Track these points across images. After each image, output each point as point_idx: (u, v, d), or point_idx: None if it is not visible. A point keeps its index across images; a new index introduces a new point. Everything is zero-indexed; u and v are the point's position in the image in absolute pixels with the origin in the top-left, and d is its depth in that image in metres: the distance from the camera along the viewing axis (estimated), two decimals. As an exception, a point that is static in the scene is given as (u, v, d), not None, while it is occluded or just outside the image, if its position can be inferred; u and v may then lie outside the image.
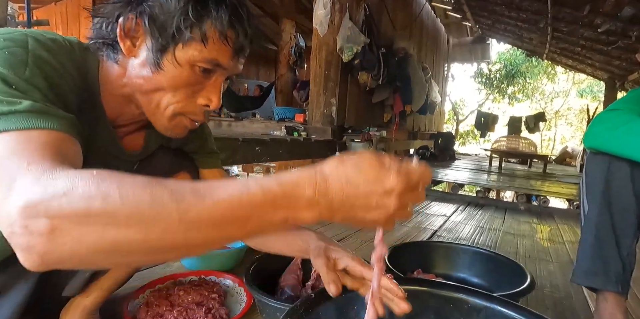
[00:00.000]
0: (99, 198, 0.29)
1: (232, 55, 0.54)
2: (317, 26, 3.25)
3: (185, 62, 0.52)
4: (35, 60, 0.44)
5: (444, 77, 6.99)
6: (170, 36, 0.50)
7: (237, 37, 0.53)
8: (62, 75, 0.47)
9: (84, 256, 0.30)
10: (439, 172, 3.77)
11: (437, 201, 2.66)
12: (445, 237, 1.75)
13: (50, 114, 0.41)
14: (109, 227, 0.29)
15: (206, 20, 0.51)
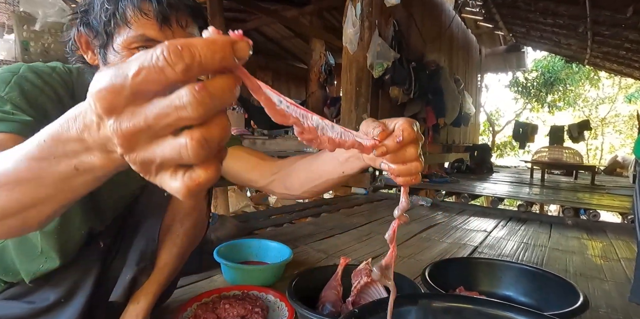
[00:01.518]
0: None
1: (158, 26, 0.57)
2: (347, 44, 3.34)
3: (121, 48, 0.57)
4: (17, 80, 0.57)
5: (477, 88, 6.84)
6: (103, 32, 0.58)
7: (154, 7, 0.56)
8: (42, 90, 0.59)
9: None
10: (477, 186, 3.65)
11: (475, 216, 2.57)
12: (487, 253, 1.69)
13: (5, 120, 0.51)
14: None
15: (120, 2, 0.56)
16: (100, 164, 0.27)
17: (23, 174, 0.30)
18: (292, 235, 1.73)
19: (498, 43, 7.34)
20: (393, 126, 0.44)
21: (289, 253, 1.15)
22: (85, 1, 0.61)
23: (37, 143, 0.28)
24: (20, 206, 0.31)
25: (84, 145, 0.26)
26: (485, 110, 11.07)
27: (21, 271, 0.64)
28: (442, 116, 4.03)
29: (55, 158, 0.28)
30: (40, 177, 0.29)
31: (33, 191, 0.30)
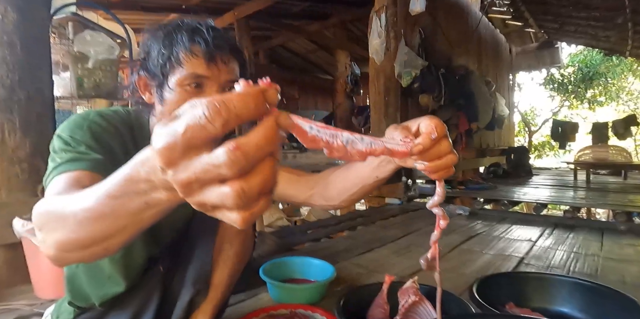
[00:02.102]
0: (44, 212, 0.42)
1: (206, 64, 0.66)
2: (373, 55, 3.36)
3: (175, 86, 0.67)
4: (89, 124, 0.67)
5: (509, 88, 6.62)
6: (160, 73, 0.67)
7: (201, 47, 0.65)
8: (108, 131, 0.69)
9: (61, 254, 0.41)
10: (516, 192, 3.51)
11: (518, 224, 2.47)
12: (534, 265, 1.62)
13: (82, 160, 0.59)
14: (55, 232, 0.39)
15: (174, 48, 0.66)
16: (166, 200, 0.31)
17: (104, 210, 0.35)
18: (330, 250, 1.75)
19: (529, 41, 7.09)
20: (417, 125, 0.46)
21: (332, 271, 1.17)
22: (144, 50, 0.71)
23: (114, 183, 0.34)
24: (103, 236, 0.37)
25: (152, 185, 0.30)
26: (519, 110, 10.64)
27: (92, 295, 0.70)
28: (475, 121, 3.93)
29: (129, 196, 0.33)
30: (118, 211, 0.35)
31: (113, 223, 0.36)
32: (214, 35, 0.67)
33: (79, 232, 0.38)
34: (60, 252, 0.40)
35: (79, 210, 0.37)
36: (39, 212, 0.43)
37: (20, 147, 1.32)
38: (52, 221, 0.40)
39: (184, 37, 0.66)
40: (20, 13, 1.38)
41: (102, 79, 1.75)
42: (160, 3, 4.59)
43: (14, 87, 1.33)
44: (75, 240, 0.38)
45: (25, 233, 1.08)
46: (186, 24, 0.68)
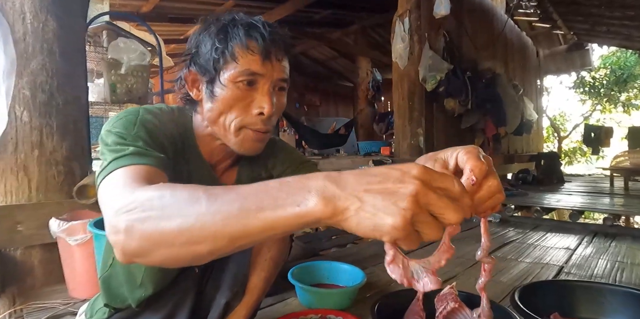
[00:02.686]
0: (156, 199, 0.40)
1: (261, 61, 0.64)
2: (396, 60, 3.33)
3: (228, 82, 0.64)
4: (141, 121, 0.64)
5: (537, 92, 6.40)
6: (212, 69, 0.65)
7: (258, 43, 0.63)
8: (160, 129, 0.66)
9: (150, 244, 0.39)
10: (549, 198, 3.35)
11: (553, 232, 2.35)
12: (576, 274, 1.53)
13: (146, 155, 0.57)
14: (161, 221, 0.38)
15: (229, 42, 0.63)
16: (322, 209, 0.33)
17: (253, 200, 0.36)
18: (357, 256, 1.71)
19: (557, 43, 6.87)
20: (454, 159, 0.43)
21: (362, 276, 1.13)
22: (193, 44, 0.68)
23: (282, 180, 0.36)
24: (214, 238, 0.37)
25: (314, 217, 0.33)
26: (548, 115, 10.26)
27: (129, 297, 0.70)
28: (503, 125, 3.81)
29: (274, 227, 0.35)
30: (252, 225, 0.35)
31: (235, 232, 0.36)
32: (270, 31, 0.65)
33: (194, 228, 0.36)
34: (151, 244, 0.38)
35: (205, 208, 0.37)
36: (144, 198, 0.41)
37: (57, 150, 1.36)
38: (163, 209, 0.38)
39: (240, 31, 0.63)
40: (59, 22, 1.44)
41: (134, 84, 1.80)
42: (186, 14, 4.74)
43: (53, 92, 1.39)
44: (183, 234, 0.37)
45: (61, 233, 1.10)
46: (241, 19, 0.66)
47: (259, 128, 0.67)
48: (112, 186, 0.49)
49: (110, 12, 2.04)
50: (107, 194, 0.49)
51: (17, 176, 1.28)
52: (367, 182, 0.33)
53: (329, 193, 0.33)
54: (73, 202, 1.30)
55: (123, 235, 0.40)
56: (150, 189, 0.43)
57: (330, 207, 0.32)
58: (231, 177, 0.78)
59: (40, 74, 1.37)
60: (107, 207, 0.45)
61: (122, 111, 0.67)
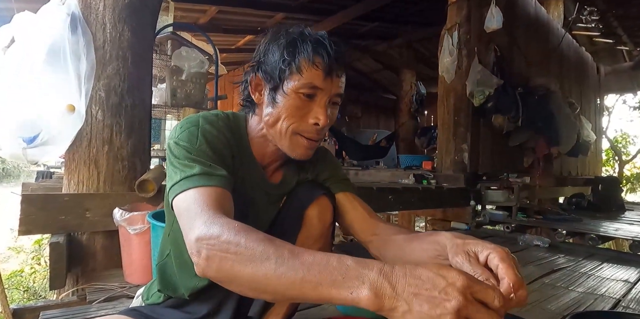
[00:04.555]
0: (233, 244, 0.48)
1: (324, 76, 0.67)
2: (443, 73, 3.29)
3: (290, 91, 0.68)
4: (202, 132, 0.69)
5: (596, 112, 5.99)
6: (277, 77, 0.69)
7: (323, 60, 0.67)
8: (219, 138, 0.70)
9: (224, 278, 0.49)
10: (606, 226, 3.09)
11: (610, 263, 2.16)
12: (635, 310, 1.39)
13: (214, 175, 0.62)
14: (235, 264, 0.47)
15: (297, 56, 0.67)
16: (370, 300, 0.39)
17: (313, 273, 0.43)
18: (394, 269, 1.68)
19: (621, 59, 6.42)
20: (485, 256, 0.51)
21: (400, 288, 1.12)
22: (262, 52, 0.73)
23: (341, 259, 0.42)
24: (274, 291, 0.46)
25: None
26: (608, 136, 9.52)
27: (181, 286, 0.75)
28: (556, 145, 3.60)
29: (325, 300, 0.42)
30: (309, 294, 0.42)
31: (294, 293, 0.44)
32: (335, 50, 0.69)
33: (260, 282, 0.45)
34: (224, 278, 0.49)
35: (273, 269, 0.44)
36: (223, 238, 0.49)
37: (123, 147, 1.50)
38: (238, 255, 0.47)
39: (309, 47, 0.67)
40: (133, 32, 1.59)
41: (192, 90, 1.94)
42: (239, 26, 5.01)
43: (124, 95, 1.53)
44: (251, 283, 0.46)
45: (122, 222, 1.20)
46: (309, 34, 0.70)
47: (312, 136, 0.72)
48: (188, 208, 0.58)
49: (174, 24, 2.22)
50: (185, 215, 0.58)
51: (88, 168, 1.43)
52: (417, 286, 0.38)
53: (381, 290, 0.38)
54: (134, 195, 1.41)
55: (203, 262, 0.49)
56: (227, 230, 0.50)
57: (379, 303, 0.38)
58: (278, 177, 0.83)
59: (114, 78, 1.52)
60: (187, 229, 0.54)
61: (184, 120, 0.72)
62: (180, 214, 0.58)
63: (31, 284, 3.96)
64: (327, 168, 0.88)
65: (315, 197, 0.79)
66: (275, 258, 0.44)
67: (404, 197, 2.42)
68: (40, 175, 2.61)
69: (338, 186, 0.85)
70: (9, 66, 1.36)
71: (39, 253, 4.33)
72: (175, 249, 0.75)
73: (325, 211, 0.80)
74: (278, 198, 0.83)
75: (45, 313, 1.00)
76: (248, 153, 0.77)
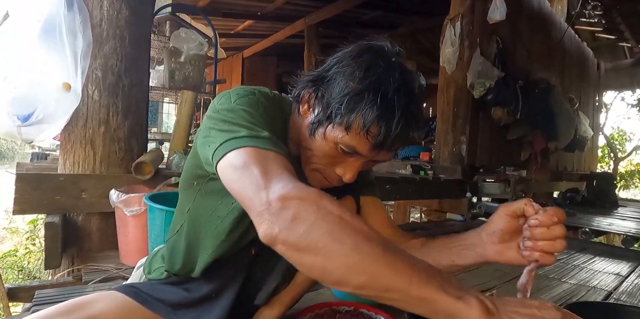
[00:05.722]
0: (334, 214, 0.42)
1: (370, 148, 0.58)
2: (444, 64, 3.25)
3: (330, 139, 0.60)
4: (262, 104, 0.63)
5: (595, 108, 5.99)
6: (327, 115, 0.59)
7: (379, 134, 0.56)
8: (271, 114, 0.64)
9: (307, 245, 0.41)
10: (599, 221, 3.13)
11: (602, 256, 2.19)
12: (626, 302, 1.42)
13: (278, 144, 0.56)
14: (332, 233, 0.41)
15: (355, 112, 0.56)
16: None
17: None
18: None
19: (622, 56, 6.39)
20: None
21: (397, 275, 1.12)
22: (330, 71, 0.61)
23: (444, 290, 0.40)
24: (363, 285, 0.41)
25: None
26: (605, 133, 9.57)
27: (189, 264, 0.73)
28: (553, 140, 3.61)
29: (426, 301, 0.39)
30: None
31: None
32: (403, 124, 0.57)
33: (361, 265, 0.40)
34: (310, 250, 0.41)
35: (382, 257, 0.40)
36: (322, 205, 0.43)
37: (120, 128, 1.47)
38: (339, 225, 0.42)
39: (372, 110, 0.55)
40: (131, 11, 1.55)
41: (191, 72, 1.90)
42: (238, 10, 4.90)
43: (121, 75, 1.50)
44: (350, 265, 0.40)
45: (119, 204, 1.19)
46: (384, 88, 0.56)
47: (332, 183, 0.66)
48: (257, 164, 0.49)
49: (173, 4, 2.16)
50: (249, 172, 0.48)
51: (84, 148, 1.40)
52: (518, 310, 0.40)
53: (488, 305, 0.39)
54: (130, 177, 1.40)
55: (286, 223, 0.42)
56: (322, 197, 0.44)
57: (487, 316, 0.38)
58: None
59: (111, 57, 1.49)
60: (255, 186, 0.46)
61: (236, 88, 0.65)
62: (243, 169, 0.49)
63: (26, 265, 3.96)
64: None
65: (341, 197, 0.76)
66: (379, 241, 0.41)
67: (401, 187, 2.42)
68: (35, 157, 2.58)
69: (365, 189, 0.83)
70: (3, 42, 1.32)
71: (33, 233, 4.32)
72: (191, 226, 0.72)
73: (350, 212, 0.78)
74: None
75: (41, 292, 1.00)
76: (285, 141, 0.70)
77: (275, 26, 5.52)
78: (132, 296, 0.71)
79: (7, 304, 1.11)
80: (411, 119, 0.58)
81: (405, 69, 0.61)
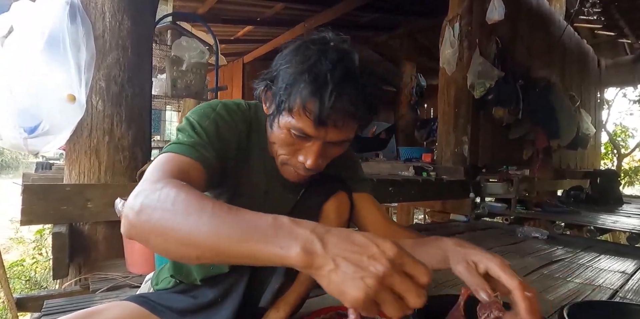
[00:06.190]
0: (171, 197, 0.46)
1: (314, 126, 0.60)
2: (444, 65, 3.27)
3: (283, 126, 0.64)
4: (215, 116, 0.69)
5: (596, 105, 5.98)
6: (277, 105, 0.64)
7: (315, 109, 0.58)
8: (229, 125, 0.70)
9: (149, 230, 0.45)
10: (604, 219, 3.11)
11: (607, 254, 2.18)
12: (632, 300, 1.41)
13: (196, 149, 0.62)
14: (168, 214, 0.44)
15: (292, 96, 0.60)
16: (299, 256, 0.38)
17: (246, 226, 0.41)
18: (394, 259, 1.70)
19: (622, 52, 6.38)
20: (483, 268, 0.55)
21: (401, 278, 1.12)
22: (274, 71, 0.66)
23: (277, 218, 0.41)
24: (190, 247, 0.43)
25: None
26: (607, 130, 9.53)
27: (195, 272, 0.75)
28: (556, 138, 3.60)
29: (253, 257, 0.40)
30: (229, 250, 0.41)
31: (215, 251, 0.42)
32: (337, 94, 0.58)
33: (190, 233, 0.42)
34: (150, 230, 0.45)
35: (207, 220, 0.42)
36: (166, 190, 0.47)
37: (124, 137, 1.49)
38: (174, 205, 0.45)
39: (306, 89, 0.58)
40: (133, 21, 1.57)
41: (192, 80, 1.92)
42: (238, 16, 4.94)
43: (124, 84, 1.52)
44: (179, 234, 0.43)
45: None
46: (311, 64, 0.59)
47: (300, 172, 0.69)
48: (157, 165, 0.57)
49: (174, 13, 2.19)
50: (150, 168, 0.57)
51: (89, 158, 1.42)
52: (347, 249, 0.37)
53: (311, 248, 0.37)
54: (135, 185, 1.40)
55: (134, 215, 0.46)
56: (170, 185, 0.48)
57: (306, 260, 0.37)
58: None
59: (114, 68, 1.51)
60: (143, 180, 0.53)
61: (206, 103, 0.73)
62: (151, 168, 0.57)
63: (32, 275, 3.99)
64: (349, 167, 0.87)
65: (335, 192, 0.79)
66: (210, 211, 0.43)
67: (404, 189, 2.43)
68: (39, 166, 2.61)
69: (357, 185, 0.85)
70: (8, 56, 1.34)
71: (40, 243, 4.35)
72: None
73: (344, 207, 0.80)
74: (296, 189, 0.82)
75: (49, 302, 1.01)
76: (264, 146, 0.74)
77: (275, 31, 5.56)
78: (142, 304, 0.73)
79: (16, 314, 1.13)
80: (347, 93, 0.59)
81: (343, 51, 0.62)
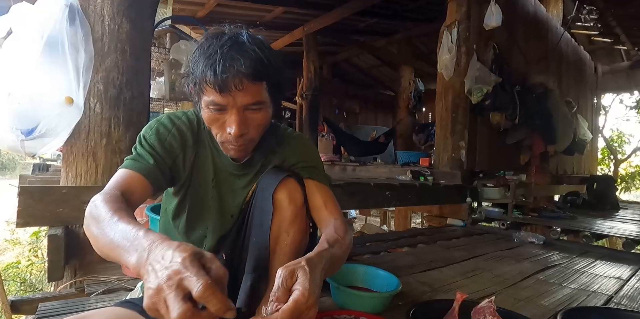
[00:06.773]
0: (95, 208, 0.62)
1: (219, 92, 0.68)
2: (442, 70, 3.29)
3: (204, 106, 0.72)
4: (158, 127, 0.80)
5: (593, 111, 6.02)
6: (194, 93, 0.73)
7: (212, 75, 0.66)
8: (171, 133, 0.80)
9: (88, 236, 0.61)
10: (600, 224, 3.12)
11: (603, 260, 2.19)
12: (627, 306, 1.42)
13: (139, 162, 0.75)
14: (90, 223, 0.61)
15: (195, 74, 0.70)
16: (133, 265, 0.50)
17: (110, 245, 0.56)
18: (391, 264, 1.70)
19: (619, 59, 6.44)
20: (292, 286, 0.58)
21: (397, 283, 1.13)
22: (188, 67, 0.76)
23: (122, 237, 0.54)
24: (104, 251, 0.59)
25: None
26: (604, 135, 9.58)
27: None
28: (552, 143, 3.62)
29: (120, 261, 0.54)
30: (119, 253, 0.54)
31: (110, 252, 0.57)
32: (225, 59, 0.67)
33: (94, 240, 0.60)
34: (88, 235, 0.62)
35: (101, 230, 0.58)
36: (94, 204, 0.63)
37: (121, 140, 1.49)
38: (91, 221, 0.62)
39: (201, 65, 0.68)
40: (132, 24, 1.58)
41: (191, 84, 1.92)
42: (237, 20, 4.95)
43: (122, 87, 1.52)
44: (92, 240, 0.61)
45: (120, 215, 1.20)
46: (206, 48, 0.69)
47: (233, 145, 0.75)
48: (111, 179, 0.73)
49: (173, 16, 2.20)
50: (110, 183, 0.72)
51: (87, 161, 1.42)
52: (155, 260, 0.46)
53: (140, 259, 0.47)
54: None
55: (85, 228, 0.63)
56: (104, 199, 0.63)
57: (136, 268, 0.48)
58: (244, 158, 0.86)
59: (112, 71, 1.51)
60: None
61: (155, 118, 0.83)
62: None
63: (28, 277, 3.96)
64: (295, 154, 0.88)
65: (281, 180, 0.80)
66: (105, 224, 0.56)
67: (401, 194, 2.43)
68: (36, 168, 2.60)
69: (304, 171, 0.86)
70: (7, 58, 1.35)
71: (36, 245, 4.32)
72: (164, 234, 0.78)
73: (294, 192, 0.80)
74: (247, 180, 0.86)
75: (44, 305, 1.00)
76: (210, 144, 0.84)
77: (274, 35, 5.58)
78: (129, 307, 0.73)
79: (11, 316, 1.12)
80: (234, 57, 0.67)
81: (236, 34, 0.72)
